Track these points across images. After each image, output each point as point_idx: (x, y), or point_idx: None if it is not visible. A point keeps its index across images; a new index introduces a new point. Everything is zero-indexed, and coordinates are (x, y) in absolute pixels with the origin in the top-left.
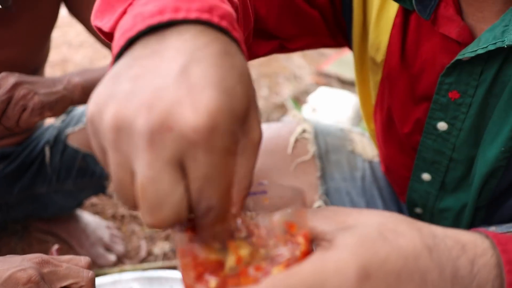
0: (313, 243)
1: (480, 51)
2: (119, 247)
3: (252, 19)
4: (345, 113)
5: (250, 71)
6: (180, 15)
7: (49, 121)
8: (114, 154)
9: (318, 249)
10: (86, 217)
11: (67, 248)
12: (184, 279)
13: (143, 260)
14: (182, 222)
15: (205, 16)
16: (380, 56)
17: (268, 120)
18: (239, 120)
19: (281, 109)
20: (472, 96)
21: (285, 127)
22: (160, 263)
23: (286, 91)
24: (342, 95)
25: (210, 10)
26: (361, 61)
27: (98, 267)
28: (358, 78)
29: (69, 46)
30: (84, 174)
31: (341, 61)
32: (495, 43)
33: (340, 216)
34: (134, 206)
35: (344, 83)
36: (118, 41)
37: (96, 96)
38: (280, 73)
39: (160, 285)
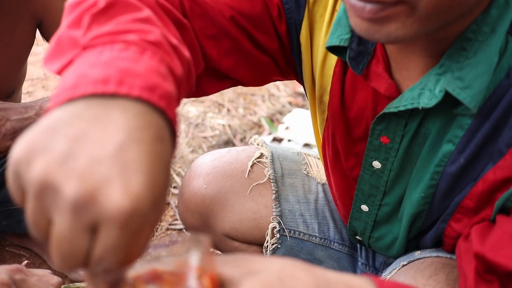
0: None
1: (402, 108)
2: None
3: (194, 75)
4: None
5: (171, 159)
6: (123, 90)
7: None
8: (35, 202)
9: None
10: None
11: (41, 263)
12: None
13: None
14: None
15: (145, 95)
16: (326, 97)
17: (244, 140)
18: (156, 207)
19: (257, 128)
20: (400, 143)
21: (244, 151)
22: None
23: (262, 112)
24: None
25: (152, 88)
26: (312, 99)
27: (70, 281)
28: (311, 112)
29: None
30: None
31: None
32: (412, 103)
33: (247, 263)
34: (45, 242)
35: None
36: (59, 96)
37: (27, 142)
38: (257, 93)
39: None
